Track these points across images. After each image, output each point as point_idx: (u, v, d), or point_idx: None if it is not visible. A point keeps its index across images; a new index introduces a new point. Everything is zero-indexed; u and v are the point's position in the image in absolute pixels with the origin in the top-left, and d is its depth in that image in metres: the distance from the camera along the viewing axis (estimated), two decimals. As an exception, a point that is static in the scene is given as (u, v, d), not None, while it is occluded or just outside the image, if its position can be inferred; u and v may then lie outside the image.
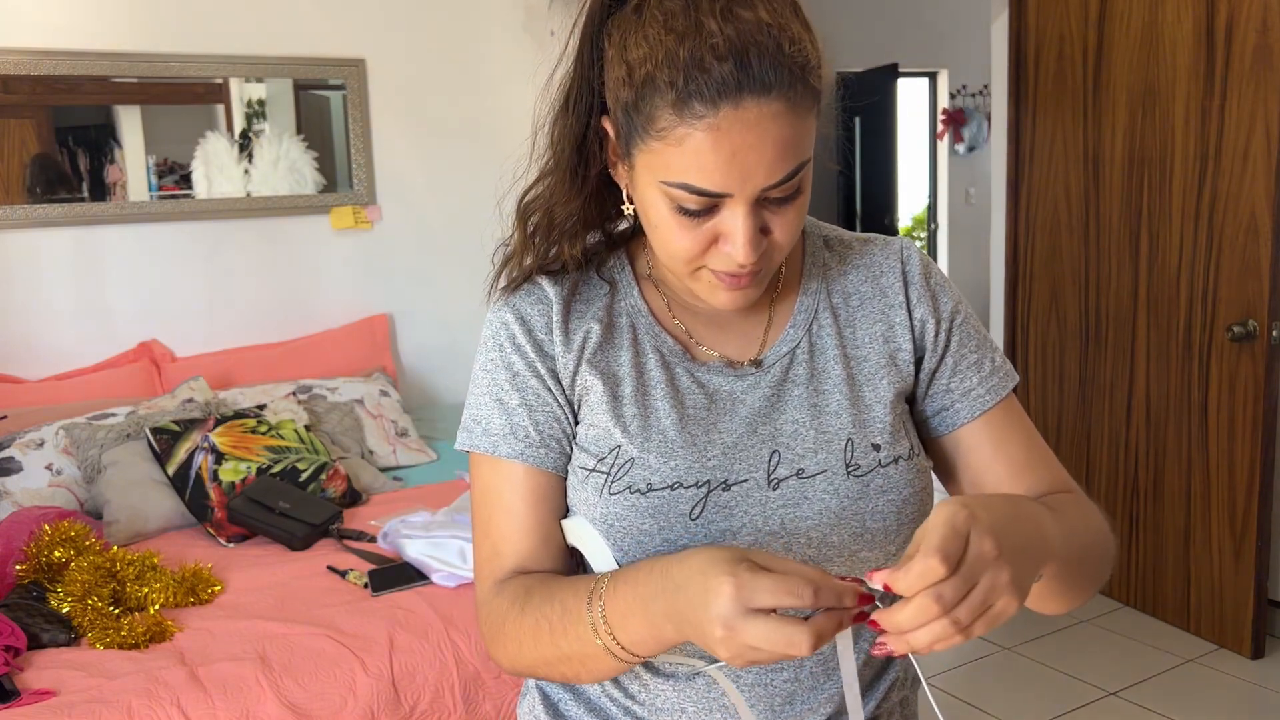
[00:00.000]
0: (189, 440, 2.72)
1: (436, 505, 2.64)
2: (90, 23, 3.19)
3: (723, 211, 0.81)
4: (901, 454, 0.91)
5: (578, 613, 0.81)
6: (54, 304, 3.22)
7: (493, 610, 0.90)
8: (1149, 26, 3.04)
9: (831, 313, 0.95)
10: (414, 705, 1.94)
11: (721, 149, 0.77)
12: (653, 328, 0.94)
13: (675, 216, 0.82)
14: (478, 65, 3.79)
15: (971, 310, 0.99)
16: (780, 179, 0.79)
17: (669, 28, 0.77)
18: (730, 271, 0.84)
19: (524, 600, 0.86)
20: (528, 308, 0.93)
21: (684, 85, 0.76)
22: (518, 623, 0.86)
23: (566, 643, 0.82)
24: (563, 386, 0.92)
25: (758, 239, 0.81)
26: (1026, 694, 2.83)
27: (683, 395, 0.91)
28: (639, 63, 0.79)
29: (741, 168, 0.77)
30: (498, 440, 0.91)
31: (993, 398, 0.94)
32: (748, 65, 0.75)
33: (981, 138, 7.41)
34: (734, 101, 0.75)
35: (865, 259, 0.97)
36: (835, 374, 0.93)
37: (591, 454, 0.90)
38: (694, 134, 0.77)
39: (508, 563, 0.91)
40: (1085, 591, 0.89)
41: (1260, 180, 2.76)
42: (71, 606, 2.08)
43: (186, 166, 3.39)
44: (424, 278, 3.76)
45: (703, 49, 0.75)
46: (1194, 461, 3.05)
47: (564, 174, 0.90)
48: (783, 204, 0.82)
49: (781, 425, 0.90)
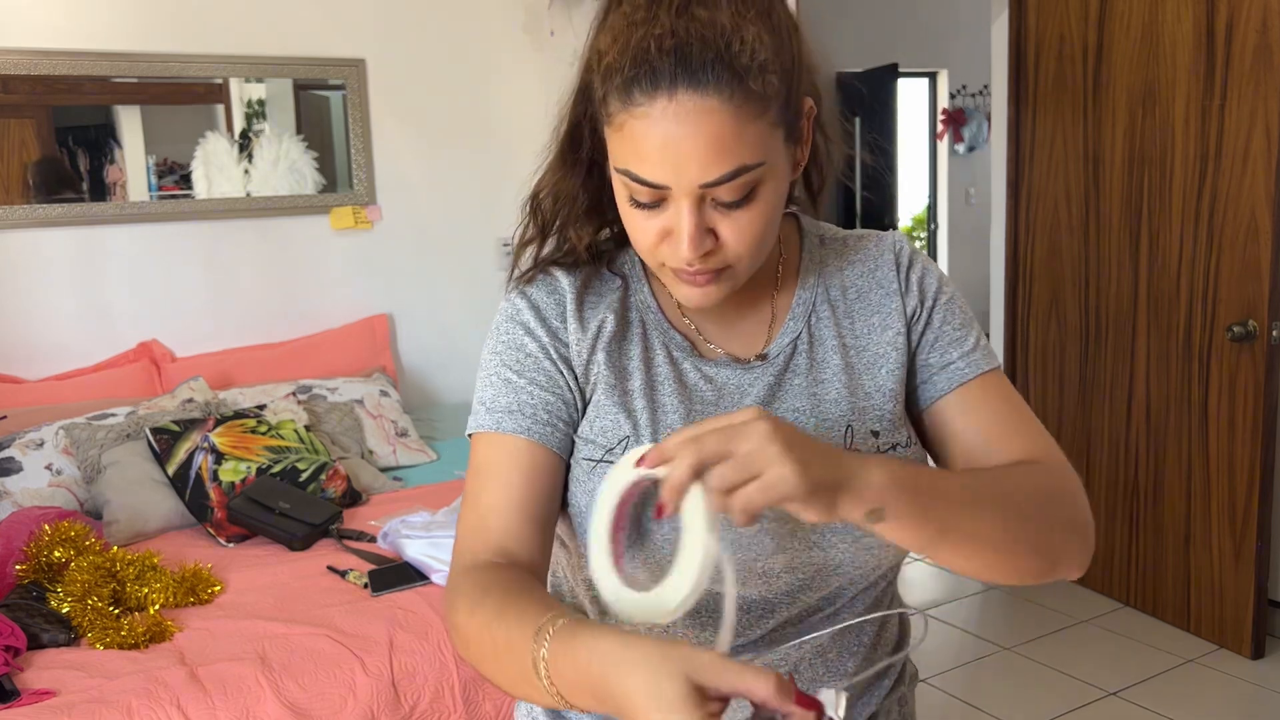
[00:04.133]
0: (189, 440, 2.72)
1: (436, 505, 2.64)
2: (90, 23, 3.19)
3: (670, 206, 0.82)
4: (899, 441, 0.92)
5: (521, 652, 0.74)
6: (54, 304, 3.22)
7: (454, 590, 0.85)
8: (1149, 26, 3.04)
9: (830, 305, 0.96)
10: (414, 705, 1.94)
11: (652, 138, 0.78)
12: (661, 324, 0.95)
13: (630, 207, 0.85)
14: (478, 65, 3.79)
15: (961, 297, 0.99)
16: (717, 178, 0.79)
17: (631, 19, 0.80)
18: (680, 268, 0.85)
19: (478, 598, 0.82)
20: (543, 296, 0.94)
21: (628, 73, 0.78)
22: (465, 621, 0.82)
23: (505, 668, 0.78)
24: (575, 372, 0.92)
25: (700, 237, 0.82)
26: (1026, 694, 2.83)
27: (690, 390, 0.92)
28: (603, 50, 0.82)
29: (674, 160, 0.78)
30: (502, 417, 0.91)
31: (972, 371, 0.95)
32: (688, 60, 0.77)
33: (981, 138, 7.41)
34: (668, 93, 0.77)
35: (860, 254, 0.99)
36: (834, 363, 0.94)
37: (599, 445, 0.90)
38: (631, 122, 0.79)
39: (492, 537, 0.88)
40: (1016, 553, 0.85)
41: (1260, 180, 2.76)
42: (71, 606, 2.08)
43: (186, 166, 3.39)
44: (424, 278, 3.76)
45: (649, 40, 0.78)
46: (1194, 462, 3.05)
47: (558, 153, 0.92)
48: (731, 209, 0.82)
49: (783, 414, 0.92)
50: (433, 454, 3.27)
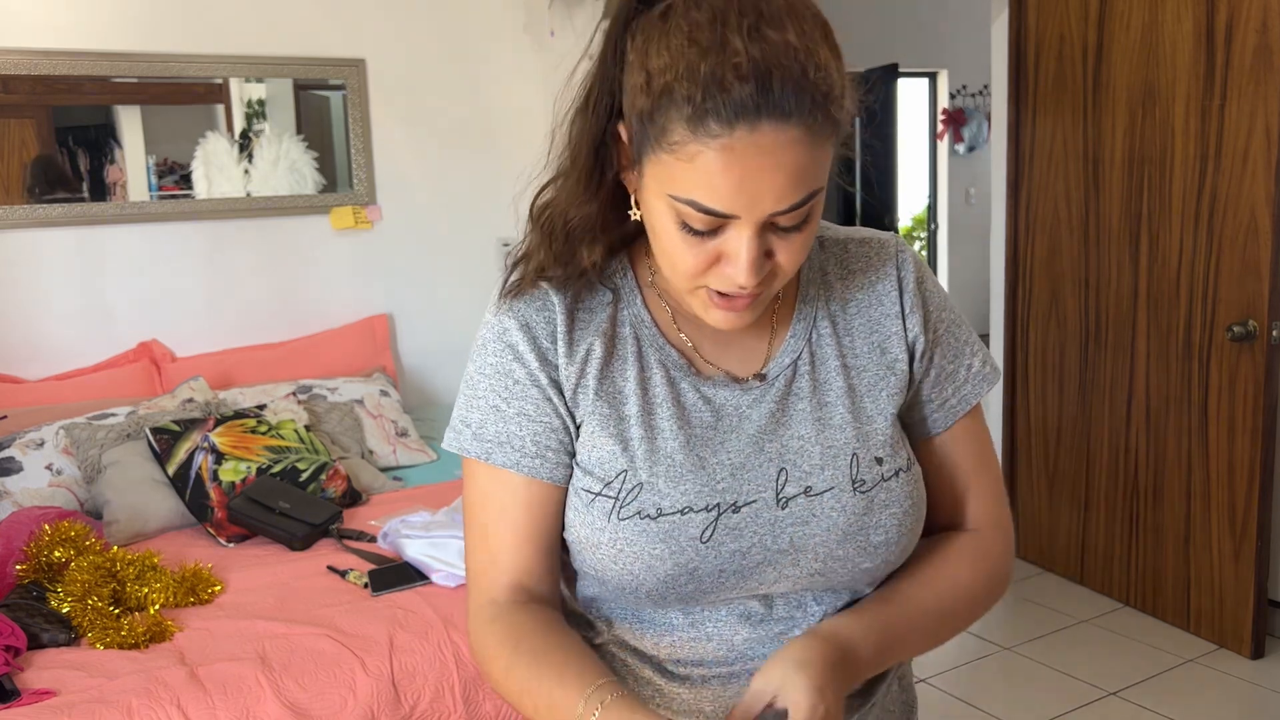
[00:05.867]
0: (189, 440, 2.72)
1: (436, 505, 2.64)
2: (90, 23, 3.19)
3: (728, 232, 0.79)
4: (901, 466, 0.91)
5: (567, 717, 0.81)
6: (54, 304, 3.22)
7: (482, 642, 0.90)
8: (1149, 26, 3.04)
9: (830, 320, 0.94)
10: (414, 705, 1.94)
11: (732, 171, 0.75)
12: (657, 339, 0.92)
13: (679, 232, 0.80)
14: (478, 65, 3.79)
15: (957, 312, 0.99)
16: (790, 206, 0.77)
17: (693, 39, 0.75)
18: (728, 292, 0.82)
19: (511, 656, 0.87)
20: (532, 314, 0.90)
21: (701, 102, 0.74)
22: (504, 677, 0.87)
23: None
24: (564, 397, 0.90)
25: (760, 263, 0.80)
26: (1026, 694, 2.83)
27: (688, 412, 0.90)
28: (659, 72, 0.76)
29: (751, 192, 0.76)
30: (491, 447, 0.90)
31: (963, 407, 0.97)
32: (769, 89, 0.73)
33: (981, 138, 7.41)
34: (750, 124, 0.74)
35: (861, 263, 0.96)
36: (837, 386, 0.92)
37: (597, 477, 0.89)
38: (706, 152, 0.75)
39: (505, 576, 0.91)
40: (932, 646, 0.95)
41: (1260, 180, 2.76)
42: (71, 606, 2.08)
43: (186, 166, 3.39)
44: (424, 278, 3.76)
45: (725, 67, 0.73)
46: (1194, 461, 3.05)
47: (580, 175, 0.87)
48: (789, 231, 0.80)
49: (788, 441, 0.90)
50: (433, 454, 3.27)
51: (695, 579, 0.87)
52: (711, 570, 0.87)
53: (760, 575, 0.88)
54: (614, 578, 0.88)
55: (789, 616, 0.91)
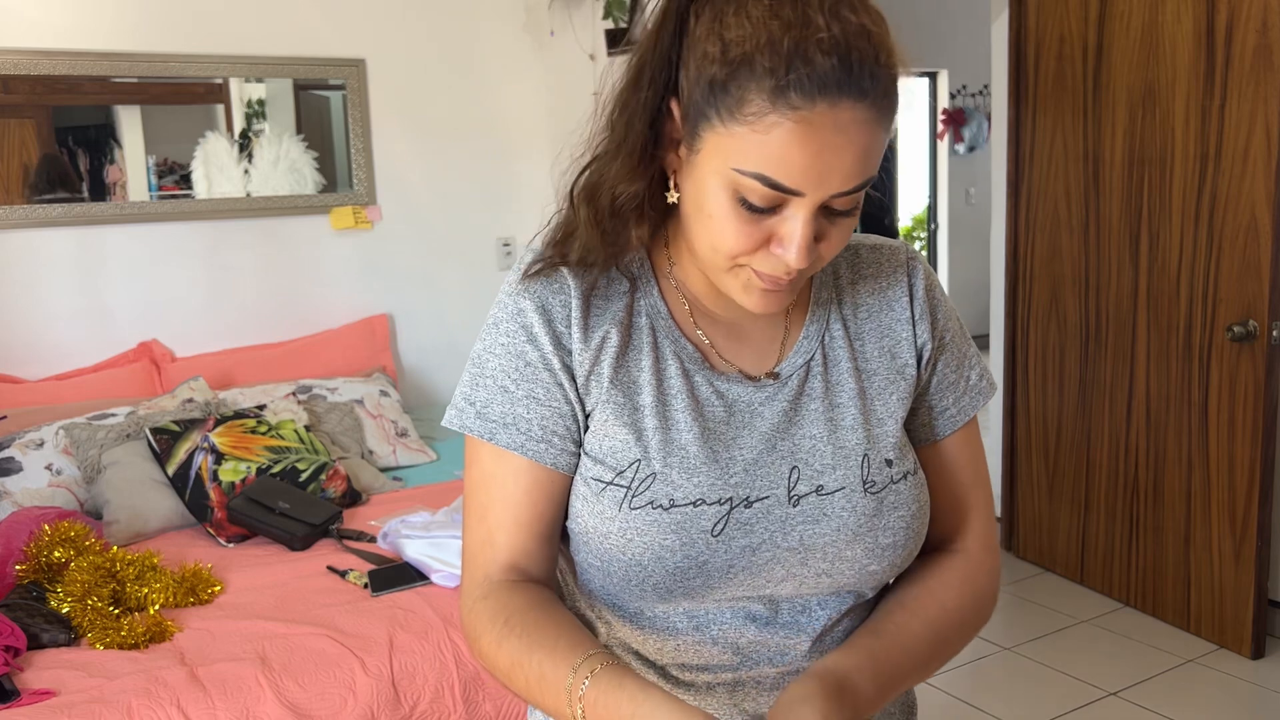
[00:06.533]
0: (189, 440, 2.73)
1: (436, 505, 2.65)
2: (90, 23, 3.19)
3: (785, 211, 0.79)
4: (909, 469, 0.92)
5: (556, 687, 0.81)
6: (54, 304, 3.22)
7: (474, 617, 0.89)
8: (1149, 26, 3.04)
9: (842, 323, 0.95)
10: (414, 705, 1.94)
11: (809, 145, 0.75)
12: (673, 332, 0.92)
13: (735, 209, 0.79)
14: (478, 65, 3.80)
15: (961, 325, 1.00)
16: (854, 187, 0.78)
17: (775, 13, 0.76)
18: (774, 274, 0.82)
19: (503, 629, 0.86)
20: (549, 296, 0.89)
21: (785, 74, 0.74)
22: (494, 651, 0.87)
23: (540, 700, 0.83)
24: (575, 384, 0.90)
25: (813, 246, 0.80)
26: (1026, 694, 2.83)
27: (702, 406, 0.90)
28: (737, 42, 0.76)
29: (821, 169, 0.76)
30: (496, 428, 0.89)
31: (963, 417, 0.98)
32: (850, 66, 0.75)
33: (981, 138, 7.41)
34: (831, 101, 0.75)
35: (873, 268, 0.97)
36: (849, 387, 0.93)
37: (609, 466, 0.88)
38: (784, 124, 0.75)
39: (501, 555, 0.90)
40: (927, 674, 0.95)
41: (1260, 180, 2.76)
42: (71, 606, 2.08)
43: (186, 166, 3.39)
44: (424, 278, 3.76)
45: (809, 41, 0.74)
46: (1194, 462, 3.05)
47: (632, 151, 0.85)
48: (840, 216, 0.81)
49: (800, 440, 0.90)
50: (433, 454, 3.27)
51: (704, 573, 0.86)
52: (720, 565, 0.87)
53: (768, 573, 0.88)
54: (621, 569, 0.87)
55: (793, 621, 0.91)
